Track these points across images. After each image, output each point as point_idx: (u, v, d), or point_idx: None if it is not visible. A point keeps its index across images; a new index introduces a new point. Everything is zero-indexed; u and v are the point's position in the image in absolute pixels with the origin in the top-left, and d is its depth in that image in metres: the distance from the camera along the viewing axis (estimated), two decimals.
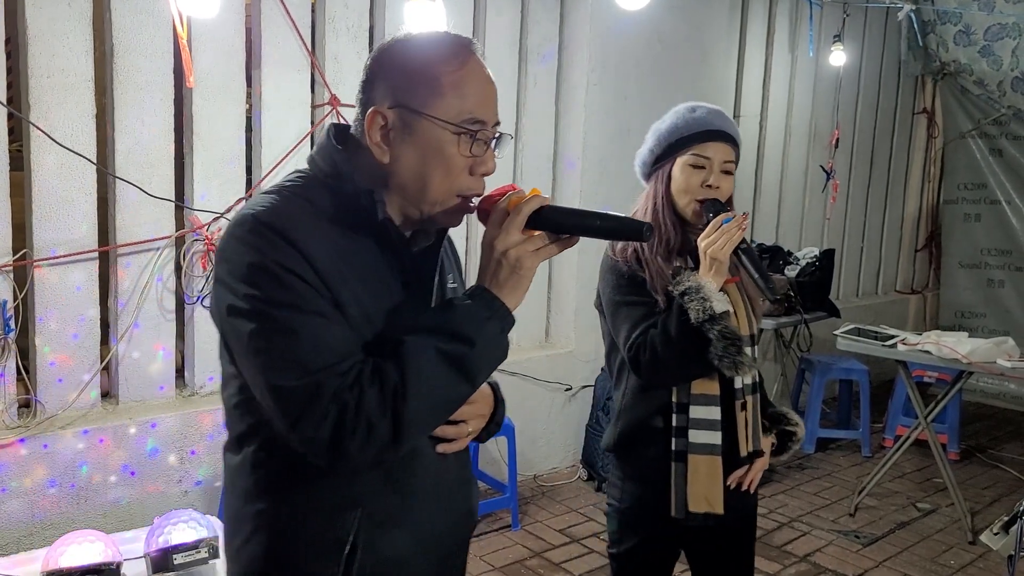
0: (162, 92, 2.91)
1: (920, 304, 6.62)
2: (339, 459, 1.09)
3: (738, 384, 1.83)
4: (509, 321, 1.14)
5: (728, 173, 1.84)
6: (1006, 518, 2.08)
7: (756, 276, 1.78)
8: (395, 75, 1.16)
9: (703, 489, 1.81)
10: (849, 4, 5.26)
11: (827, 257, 4.81)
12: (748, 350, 1.84)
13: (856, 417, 4.96)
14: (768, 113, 5.24)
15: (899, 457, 4.03)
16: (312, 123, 3.32)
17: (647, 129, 1.95)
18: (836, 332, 4.00)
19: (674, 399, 1.83)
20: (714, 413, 1.82)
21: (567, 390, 4.16)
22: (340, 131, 1.23)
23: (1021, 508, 2.07)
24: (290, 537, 1.19)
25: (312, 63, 3.26)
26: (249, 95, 3.21)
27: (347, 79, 3.35)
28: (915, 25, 5.80)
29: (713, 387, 1.82)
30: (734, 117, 5.05)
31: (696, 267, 1.80)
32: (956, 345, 3.58)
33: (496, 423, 1.35)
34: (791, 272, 4.70)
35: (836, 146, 5.54)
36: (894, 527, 3.81)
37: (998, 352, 3.54)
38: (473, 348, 1.11)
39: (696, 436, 1.81)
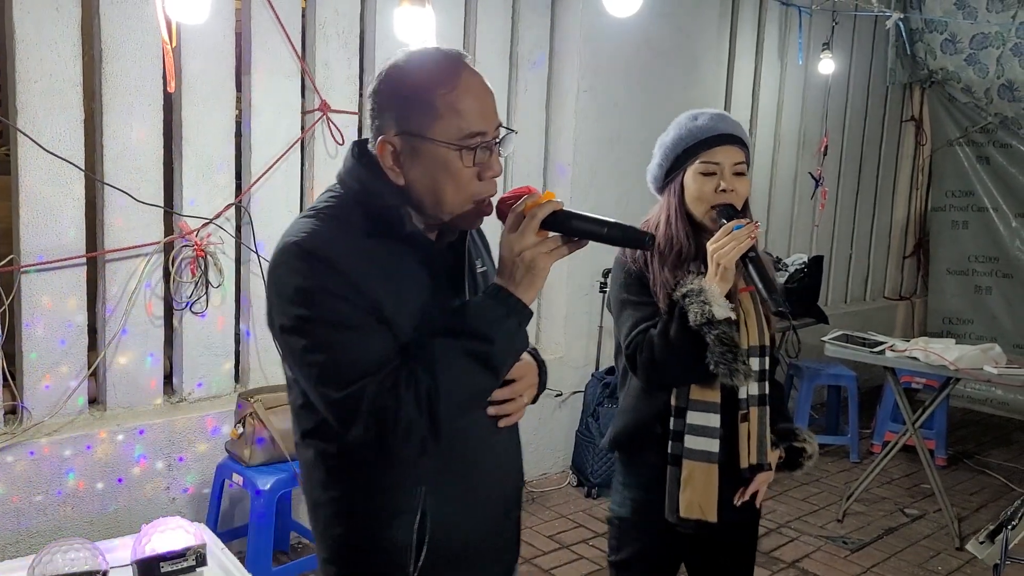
0: (151, 97, 2.90)
1: (908, 310, 6.66)
2: (386, 454, 1.25)
3: (742, 394, 1.80)
4: (526, 315, 1.26)
5: (740, 175, 1.83)
6: (991, 527, 2.08)
7: (760, 285, 1.75)
8: (396, 104, 1.26)
9: (697, 496, 1.79)
10: (838, 12, 5.30)
11: (816, 264, 4.83)
12: (755, 360, 1.81)
13: (844, 423, 4.98)
14: (757, 120, 5.27)
15: (887, 463, 4.05)
16: (302, 129, 3.32)
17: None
18: (824, 338, 4.02)
19: (672, 403, 1.81)
20: (712, 420, 1.79)
21: (557, 396, 4.16)
22: (362, 148, 1.33)
23: (1006, 516, 2.08)
24: (364, 516, 1.33)
25: (302, 69, 3.26)
26: (239, 101, 3.20)
27: (337, 85, 3.34)
28: (903, 33, 5.85)
29: (713, 394, 1.80)
30: None
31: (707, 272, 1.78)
32: (943, 351, 3.60)
33: (542, 384, 1.48)
34: (780, 278, 4.72)
35: (825, 153, 5.57)
36: (882, 533, 3.82)
37: (985, 358, 3.56)
38: (494, 345, 1.23)
39: (692, 442, 1.79)
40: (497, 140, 1.28)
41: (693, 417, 1.80)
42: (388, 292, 1.24)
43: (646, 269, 1.83)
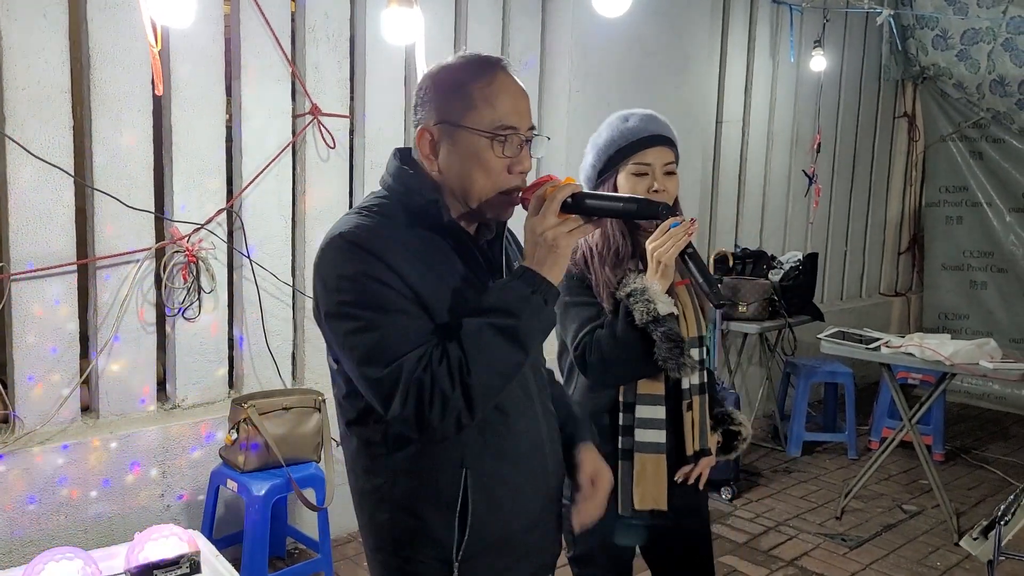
0: (140, 103, 2.89)
1: (904, 306, 6.67)
2: (425, 430, 1.27)
3: (685, 384, 1.88)
4: (552, 293, 1.31)
5: (671, 174, 1.90)
6: (985, 523, 2.08)
7: (700, 280, 1.80)
8: (436, 97, 1.37)
9: (649, 487, 1.86)
10: (829, 9, 5.30)
11: (811, 261, 4.83)
12: (695, 351, 1.88)
13: (842, 420, 4.98)
14: (750, 118, 5.27)
15: (885, 459, 4.04)
16: (293, 133, 3.31)
17: None
18: (820, 335, 4.02)
19: (620, 398, 1.87)
20: (659, 412, 1.87)
21: None
22: (404, 153, 1.44)
23: (999, 513, 2.07)
24: (408, 501, 1.38)
25: (292, 72, 3.24)
26: (229, 105, 3.19)
27: (328, 88, 3.33)
28: (894, 30, 5.85)
29: (658, 387, 1.87)
30: (716, 123, 5.07)
31: (646, 270, 1.84)
32: (939, 347, 3.60)
33: None
34: (775, 276, 4.72)
35: (818, 151, 5.57)
36: (880, 529, 3.82)
37: (980, 353, 3.56)
38: (520, 319, 1.28)
39: (642, 435, 1.86)
40: (529, 140, 1.36)
41: (641, 411, 1.86)
42: (426, 279, 1.31)
43: (587, 271, 1.89)
